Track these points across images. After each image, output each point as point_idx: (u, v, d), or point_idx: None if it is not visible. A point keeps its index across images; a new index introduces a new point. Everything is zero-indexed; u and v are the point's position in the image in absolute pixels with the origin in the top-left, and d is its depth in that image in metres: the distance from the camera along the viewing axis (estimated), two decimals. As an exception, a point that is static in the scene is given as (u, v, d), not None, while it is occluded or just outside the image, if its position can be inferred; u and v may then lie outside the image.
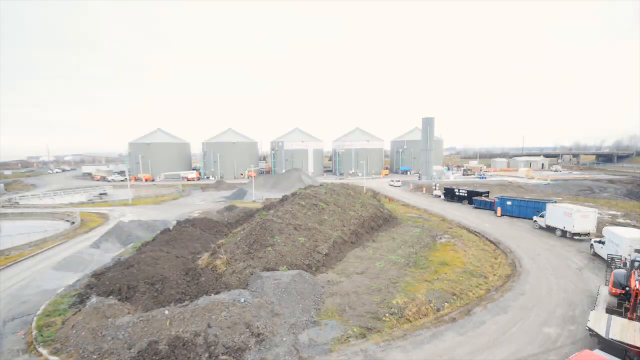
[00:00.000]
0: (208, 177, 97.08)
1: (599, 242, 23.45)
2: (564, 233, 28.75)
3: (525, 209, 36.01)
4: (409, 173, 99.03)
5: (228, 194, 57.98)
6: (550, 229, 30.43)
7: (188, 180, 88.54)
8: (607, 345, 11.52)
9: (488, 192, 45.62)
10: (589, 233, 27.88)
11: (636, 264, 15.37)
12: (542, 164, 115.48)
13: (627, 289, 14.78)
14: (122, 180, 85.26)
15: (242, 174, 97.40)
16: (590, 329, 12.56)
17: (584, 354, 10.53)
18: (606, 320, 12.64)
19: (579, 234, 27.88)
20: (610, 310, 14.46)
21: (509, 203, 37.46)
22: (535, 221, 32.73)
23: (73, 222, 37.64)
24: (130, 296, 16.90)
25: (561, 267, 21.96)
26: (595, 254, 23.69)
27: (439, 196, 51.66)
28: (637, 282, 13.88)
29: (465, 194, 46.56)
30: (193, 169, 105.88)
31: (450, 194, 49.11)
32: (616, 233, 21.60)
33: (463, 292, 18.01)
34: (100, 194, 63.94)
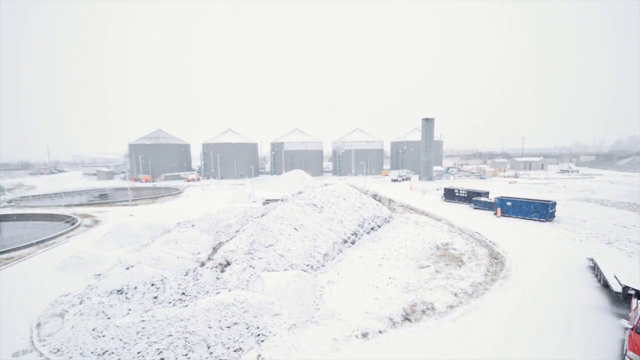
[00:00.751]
0: (208, 178, 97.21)
1: None
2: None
3: (526, 209, 36.06)
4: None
5: (228, 195, 57.98)
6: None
7: (188, 181, 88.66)
8: None
9: (488, 193, 45.67)
10: None
11: None
12: (542, 165, 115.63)
13: None
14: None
15: (242, 175, 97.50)
16: None
17: None
18: None
19: None
20: None
21: (508, 204, 37.48)
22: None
23: (73, 223, 37.67)
24: (131, 296, 16.91)
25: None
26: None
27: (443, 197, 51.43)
28: None
29: (465, 195, 46.61)
30: (193, 170, 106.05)
31: (449, 195, 49.14)
32: None
33: (464, 292, 18.00)
34: (100, 194, 64.04)
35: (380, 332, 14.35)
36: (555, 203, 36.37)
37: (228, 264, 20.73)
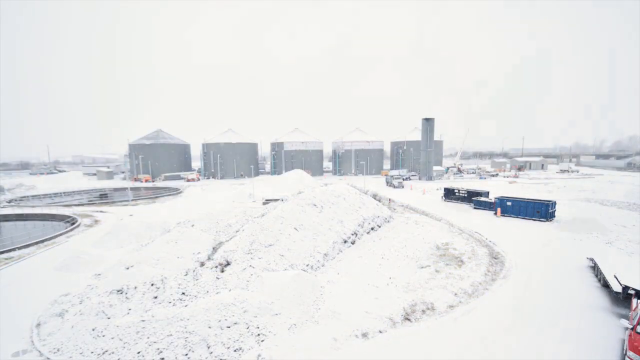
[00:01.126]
0: (208, 178, 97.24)
1: None
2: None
3: (526, 209, 36.06)
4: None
5: (228, 195, 57.98)
6: None
7: (188, 181, 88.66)
8: None
9: (488, 193, 45.66)
10: None
11: None
12: (542, 165, 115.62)
13: None
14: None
15: (242, 175, 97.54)
16: None
17: None
18: None
19: None
20: None
21: (508, 203, 37.49)
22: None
23: (73, 223, 37.66)
24: (131, 296, 16.90)
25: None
26: None
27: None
28: None
29: (465, 194, 46.60)
30: (193, 170, 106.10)
31: (449, 194, 49.14)
32: None
33: (464, 292, 18.00)
34: (100, 194, 64.04)
35: (381, 332, 14.35)
36: (555, 203, 36.38)
37: (228, 263, 20.71)
